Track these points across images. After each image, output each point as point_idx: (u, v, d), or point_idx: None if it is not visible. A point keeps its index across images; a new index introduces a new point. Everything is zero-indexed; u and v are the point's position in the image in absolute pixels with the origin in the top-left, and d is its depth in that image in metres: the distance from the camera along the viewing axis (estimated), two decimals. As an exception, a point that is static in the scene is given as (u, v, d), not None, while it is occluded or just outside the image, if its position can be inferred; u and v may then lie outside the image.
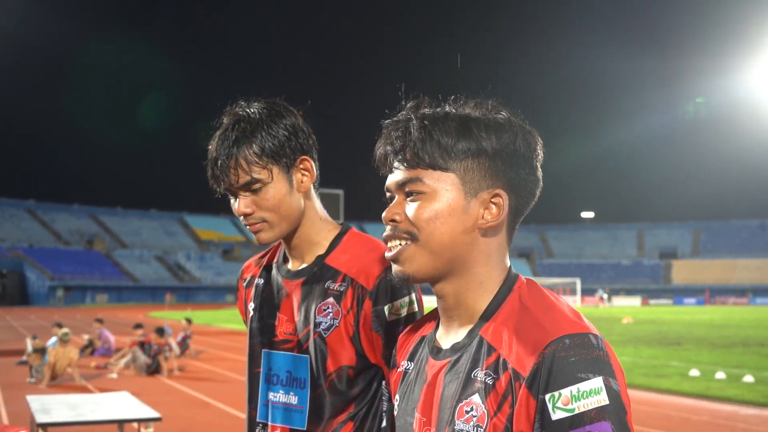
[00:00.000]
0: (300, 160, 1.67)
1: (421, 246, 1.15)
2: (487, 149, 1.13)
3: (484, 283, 1.16)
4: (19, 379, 12.61)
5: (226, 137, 1.63)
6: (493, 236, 1.16)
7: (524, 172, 1.16)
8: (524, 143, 1.16)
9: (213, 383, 12.56)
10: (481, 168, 1.14)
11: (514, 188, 1.16)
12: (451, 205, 1.13)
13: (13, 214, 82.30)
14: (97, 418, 5.28)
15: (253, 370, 1.77)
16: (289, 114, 1.68)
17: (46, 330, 21.02)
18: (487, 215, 1.14)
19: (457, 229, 1.14)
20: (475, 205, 1.14)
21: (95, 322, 17.85)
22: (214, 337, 23.65)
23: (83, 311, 48.61)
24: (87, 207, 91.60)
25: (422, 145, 1.14)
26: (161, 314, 40.93)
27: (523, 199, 1.18)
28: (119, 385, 11.78)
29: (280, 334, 1.73)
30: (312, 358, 1.66)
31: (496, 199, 1.14)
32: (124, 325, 28.94)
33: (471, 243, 1.15)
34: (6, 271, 68.94)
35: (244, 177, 1.61)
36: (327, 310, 1.66)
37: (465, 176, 1.14)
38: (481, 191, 1.14)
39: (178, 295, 73.41)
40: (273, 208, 1.64)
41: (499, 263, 1.18)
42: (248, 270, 1.92)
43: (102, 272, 75.03)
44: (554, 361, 1.01)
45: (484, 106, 1.18)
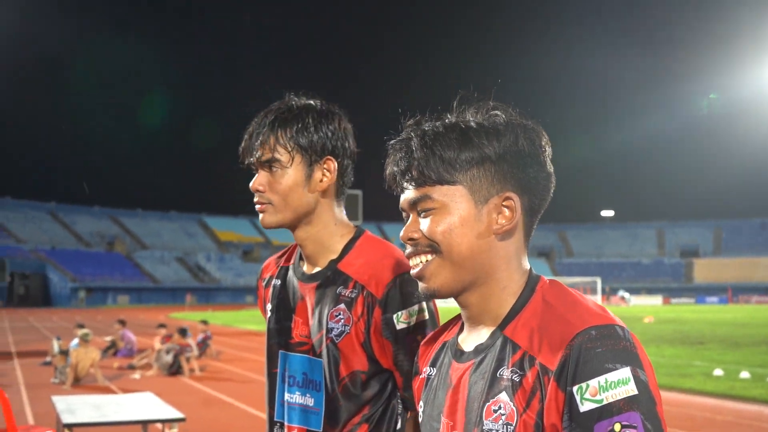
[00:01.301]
0: (325, 159, 1.69)
1: (444, 258, 1.16)
2: (491, 155, 1.15)
3: (506, 288, 1.17)
4: (44, 380, 12.75)
5: (267, 116, 1.71)
6: (511, 239, 1.17)
7: (533, 171, 1.16)
8: (527, 142, 1.16)
9: (234, 383, 12.63)
10: (487, 175, 1.15)
11: (525, 188, 1.16)
12: (462, 216, 1.15)
13: (35, 216, 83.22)
14: (121, 418, 5.33)
15: (271, 371, 1.80)
16: (334, 117, 1.72)
17: (69, 331, 21.22)
18: (501, 219, 1.15)
19: (472, 237, 1.15)
20: (487, 211, 1.15)
21: (117, 323, 18.01)
22: (234, 337, 23.78)
23: (105, 312, 49.06)
24: (107, 209, 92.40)
25: (426, 163, 1.16)
26: (182, 315, 41.21)
27: (536, 197, 1.18)
28: (142, 386, 11.87)
29: (296, 336, 1.75)
30: (325, 363, 1.68)
31: (508, 202, 1.15)
32: (146, 326, 29.16)
33: (489, 249, 1.15)
34: (29, 273, 69.75)
35: (267, 154, 1.67)
36: (338, 317, 1.67)
37: (472, 186, 1.15)
38: (491, 197, 1.15)
39: (198, 296, 73.86)
40: (282, 193, 1.67)
41: (519, 266, 1.18)
42: (267, 270, 1.95)
43: (123, 273, 75.68)
44: (581, 353, 1.01)
45: (483, 110, 1.19)
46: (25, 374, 13.72)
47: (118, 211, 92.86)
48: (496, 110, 1.18)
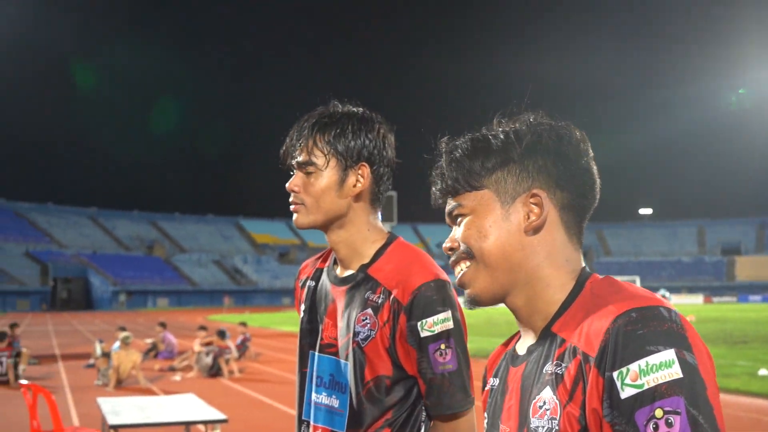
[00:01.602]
0: (360, 165, 1.73)
1: (479, 262, 1.16)
2: (513, 156, 1.16)
3: (551, 285, 1.15)
4: (87, 382, 12.99)
5: (308, 119, 1.76)
6: (547, 235, 1.15)
7: (562, 166, 1.15)
8: (553, 138, 1.16)
9: (272, 385, 12.73)
10: (512, 175, 1.16)
11: (556, 184, 1.16)
12: (489, 218, 1.16)
13: (76, 222, 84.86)
14: (165, 419, 5.40)
15: (301, 370, 1.85)
16: (374, 125, 1.76)
17: (110, 334, 21.60)
18: (531, 216, 1.14)
19: (502, 237, 1.15)
20: (515, 210, 1.15)
21: (158, 326, 18.25)
22: (272, 339, 23.95)
23: (145, 315, 49.81)
24: (146, 213, 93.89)
25: (453, 174, 1.19)
26: (220, 317, 41.63)
27: (572, 192, 1.16)
28: (182, 388, 12.03)
29: (325, 338, 1.78)
30: (351, 366, 1.70)
31: (535, 199, 1.14)
32: (185, 329, 29.52)
33: (523, 248, 1.14)
34: (71, 277, 71.13)
35: (305, 156, 1.72)
36: (365, 321, 1.69)
37: (498, 188, 1.17)
38: (518, 196, 1.16)
39: (236, 299, 74.60)
40: (315, 195, 1.72)
41: (564, 262, 1.15)
42: (304, 271, 1.98)
43: (162, 276, 76.76)
44: (619, 336, 0.96)
45: (511, 118, 1.21)
46: (69, 376, 13.99)
47: (157, 215, 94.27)
48: (523, 113, 1.20)
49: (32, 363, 15.11)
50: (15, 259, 69.74)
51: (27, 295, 64.85)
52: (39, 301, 65.32)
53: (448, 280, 1.68)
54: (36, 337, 25.81)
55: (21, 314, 51.95)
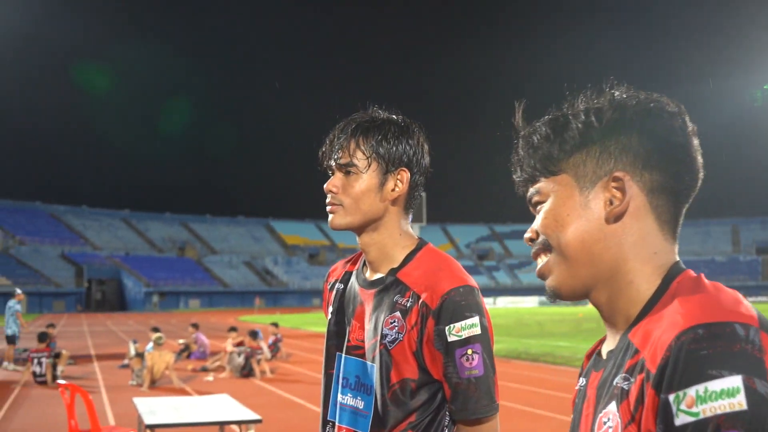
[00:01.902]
0: (399, 170, 1.75)
1: (556, 254, 1.06)
2: (592, 136, 1.05)
3: (634, 282, 1.02)
4: (122, 382, 13.15)
5: (350, 122, 1.79)
6: (632, 224, 1.02)
7: (650, 144, 1.02)
8: (639, 115, 1.03)
9: (304, 385, 12.77)
10: (591, 157, 1.04)
11: (642, 165, 1.02)
12: (567, 205, 1.05)
13: (110, 224, 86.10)
14: (200, 419, 5.45)
15: (327, 371, 1.86)
16: (414, 133, 1.80)
17: (144, 334, 21.86)
18: (614, 201, 1.02)
19: (580, 227, 1.03)
20: (596, 196, 1.03)
21: (191, 326, 18.43)
22: (303, 339, 24.05)
23: (177, 316, 50.35)
24: (178, 215, 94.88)
25: (530, 160, 1.10)
26: (251, 318, 41.90)
27: (663, 173, 1.02)
28: (215, 388, 12.12)
29: (352, 340, 1.81)
30: (377, 368, 1.72)
31: (617, 183, 1.02)
32: (217, 329, 29.76)
33: (604, 237, 1.02)
34: (105, 278, 72.17)
35: (346, 158, 1.75)
36: (393, 324, 1.70)
37: (577, 171, 1.05)
38: (599, 180, 1.04)
39: (267, 299, 75.05)
40: (354, 197, 1.74)
41: (651, 255, 1.02)
42: (333, 274, 2.02)
43: (194, 278, 77.52)
44: (682, 355, 0.85)
45: (594, 95, 1.10)
46: (104, 376, 14.18)
47: (188, 217, 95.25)
48: (611, 92, 1.08)
49: (69, 363, 15.33)
50: (51, 261, 70.99)
51: (63, 296, 65.97)
52: (74, 302, 66.41)
53: (477, 287, 1.71)
54: (72, 337, 26.23)
55: (57, 315, 52.83)
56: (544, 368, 14.84)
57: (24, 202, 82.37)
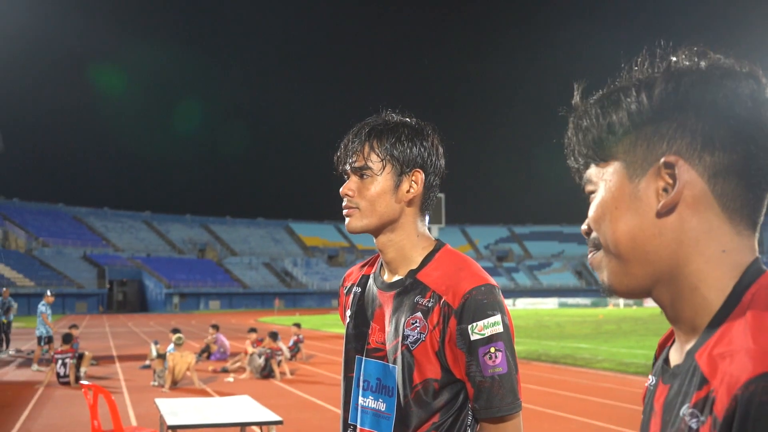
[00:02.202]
0: (414, 171, 1.78)
1: (605, 252, 0.94)
2: (643, 116, 0.90)
3: (699, 288, 0.87)
4: (144, 383, 13.24)
5: (364, 126, 1.82)
6: (693, 216, 0.87)
7: (711, 119, 0.86)
8: (696, 83, 0.88)
9: (325, 387, 12.79)
10: (643, 140, 0.90)
11: (701, 146, 0.87)
12: (616, 196, 0.92)
13: (131, 226, 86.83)
14: (221, 420, 5.47)
15: (347, 374, 1.87)
16: (428, 135, 1.82)
17: (165, 335, 22.01)
18: (669, 189, 0.88)
19: (630, 221, 0.90)
20: (647, 185, 0.89)
21: (211, 327, 18.52)
22: (323, 341, 24.09)
23: (198, 317, 50.63)
24: (198, 217, 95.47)
25: (580, 146, 0.97)
26: (270, 319, 42.08)
27: (729, 153, 0.86)
28: (236, 389, 12.17)
29: (372, 342, 1.82)
30: (399, 369, 1.72)
31: (668, 169, 0.87)
32: (237, 331, 29.89)
33: (660, 233, 0.88)
34: (127, 279, 72.77)
35: (360, 161, 1.78)
36: (414, 324, 1.71)
37: (627, 158, 0.91)
38: (650, 166, 0.89)
39: (286, 301, 75.30)
40: (370, 199, 1.76)
41: (719, 255, 0.87)
42: (349, 278, 2.03)
43: (214, 279, 77.96)
44: (751, 408, 0.72)
45: (656, 63, 0.94)
46: (126, 377, 14.30)
47: (209, 219, 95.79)
48: (669, 58, 0.93)
49: (92, 364, 15.47)
50: (74, 263, 71.71)
51: (85, 297, 66.58)
52: (96, 303, 67.00)
53: (497, 285, 1.73)
54: (94, 338, 26.47)
55: (79, 316, 53.34)
56: (563, 370, 14.75)
57: (47, 204, 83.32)
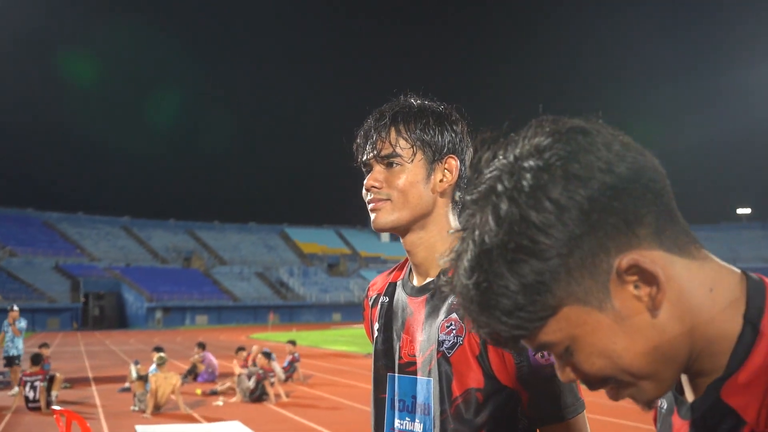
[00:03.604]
0: (447, 158, 1.75)
1: (630, 383, 0.95)
2: (558, 251, 0.86)
3: (715, 337, 0.90)
4: (123, 407, 13.30)
5: (388, 109, 1.78)
6: (673, 289, 0.89)
7: (619, 202, 0.87)
8: (573, 182, 0.86)
9: (323, 411, 12.84)
10: (577, 270, 0.88)
11: (625, 228, 0.88)
12: (602, 335, 0.90)
13: (108, 232, 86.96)
14: (207, 449, 5.51)
15: (378, 396, 1.83)
16: (457, 120, 1.80)
17: (146, 354, 22.05)
18: (648, 292, 0.88)
19: (637, 345, 0.90)
20: (620, 300, 0.89)
21: (196, 347, 18.57)
22: (322, 359, 24.12)
23: (183, 334, 50.65)
24: (183, 222, 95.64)
25: (500, 326, 0.92)
26: (264, 336, 42.06)
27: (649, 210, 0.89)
28: (226, 414, 12.22)
29: (404, 356, 1.77)
30: (435, 381, 1.67)
31: (632, 275, 0.88)
32: (227, 348, 29.92)
33: (662, 331, 0.90)
34: (104, 292, 72.75)
35: (388, 148, 1.74)
36: (450, 327, 1.66)
37: (577, 295, 0.90)
38: (607, 284, 0.89)
39: (282, 315, 75.35)
40: (401, 189, 1.73)
41: (710, 297, 0.90)
42: (374, 288, 1.99)
43: (201, 291, 77.98)
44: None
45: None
46: (103, 401, 14.35)
47: (195, 225, 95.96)
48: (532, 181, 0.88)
49: (65, 387, 15.53)
50: (44, 274, 71.83)
51: (57, 312, 66.63)
52: (69, 319, 67.04)
53: None
54: (67, 358, 26.53)
55: (51, 333, 53.45)
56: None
57: (14, 209, 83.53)
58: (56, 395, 13.71)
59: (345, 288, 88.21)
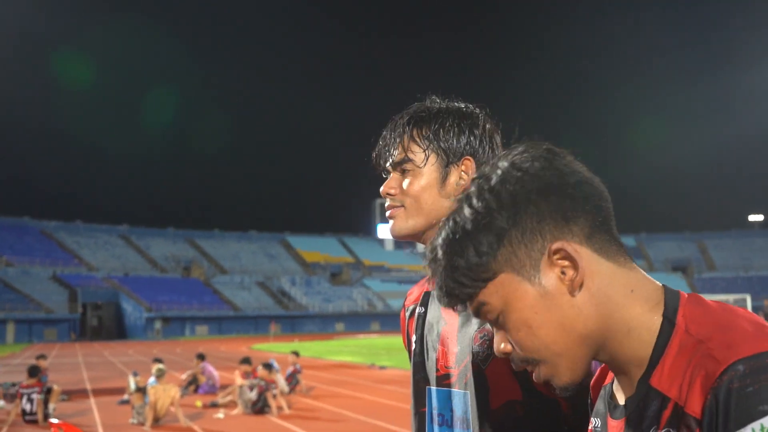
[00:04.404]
0: (464, 160, 1.75)
1: (548, 363, 1.12)
2: (502, 225, 1.10)
3: (632, 330, 1.08)
4: (122, 420, 13.30)
5: (404, 115, 1.80)
6: (594, 281, 1.09)
7: (557, 198, 1.10)
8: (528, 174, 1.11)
9: (326, 423, 12.84)
10: (517, 245, 1.11)
11: (564, 222, 1.10)
12: (526, 304, 1.11)
13: (107, 241, 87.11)
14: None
15: (418, 410, 1.81)
16: (477, 119, 1.78)
17: (145, 365, 22.07)
18: (568, 273, 1.08)
19: (554, 317, 1.09)
20: (546, 277, 1.10)
21: (196, 358, 18.56)
22: (325, 370, 24.11)
23: (183, 344, 50.68)
24: (183, 231, 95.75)
25: (450, 283, 1.14)
26: (266, 346, 42.06)
27: (586, 216, 1.11)
28: (227, 426, 12.23)
29: (441, 369, 1.74)
30: (473, 394, 1.64)
31: (559, 254, 1.09)
32: (227, 359, 29.93)
33: (580, 311, 1.08)
34: (102, 302, 72.82)
35: (401, 154, 1.76)
36: (484, 338, 1.64)
37: (513, 265, 1.12)
38: (539, 261, 1.10)
39: (284, 325, 75.38)
40: (414, 195, 1.74)
41: (630, 296, 1.10)
42: (410, 298, 1.98)
43: (201, 301, 78.05)
44: (728, 396, 0.92)
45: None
46: (102, 414, 14.34)
47: (195, 233, 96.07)
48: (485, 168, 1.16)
49: (62, 399, 15.54)
50: (42, 284, 71.97)
51: (55, 323, 66.77)
52: (67, 330, 67.17)
53: None
54: (65, 370, 26.57)
55: (48, 345, 53.57)
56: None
57: (11, 218, 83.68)
58: (54, 408, 13.72)
59: (348, 297, 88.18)
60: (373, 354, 31.60)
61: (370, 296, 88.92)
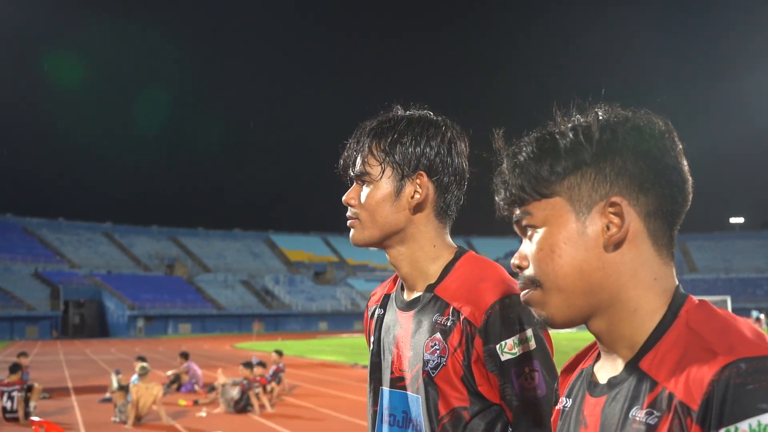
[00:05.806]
0: (418, 174, 1.75)
1: (546, 288, 1.15)
2: (585, 158, 1.14)
3: (638, 310, 1.12)
4: (104, 418, 13.25)
5: (366, 127, 1.81)
6: (630, 250, 1.12)
7: (644, 165, 1.13)
8: (632, 133, 1.14)
9: (308, 421, 12.84)
10: (586, 181, 1.14)
11: (637, 188, 1.13)
12: (563, 232, 1.14)
13: (89, 239, 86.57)
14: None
15: (372, 408, 1.87)
16: (438, 130, 1.78)
17: (128, 364, 21.98)
18: (612, 228, 1.12)
19: (578, 256, 1.13)
20: (592, 222, 1.13)
21: (180, 356, 18.49)
22: (308, 369, 24.09)
23: (165, 343, 50.48)
24: (166, 228, 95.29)
25: (518, 181, 1.18)
26: (249, 345, 41.99)
27: (658, 196, 1.13)
28: (209, 425, 12.19)
29: (395, 371, 1.78)
30: (423, 399, 1.69)
31: (614, 208, 1.12)
32: (211, 358, 29.85)
33: (603, 266, 1.12)
34: (84, 300, 72.37)
35: (360, 167, 1.78)
36: (434, 347, 1.68)
37: (572, 195, 1.15)
38: (595, 204, 1.14)
39: (267, 323, 75.12)
40: (369, 208, 1.76)
41: (652, 282, 1.13)
42: (372, 299, 2.01)
43: (184, 299, 77.71)
44: (728, 390, 0.96)
45: (579, 114, 1.20)
46: (83, 412, 14.28)
47: (178, 231, 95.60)
48: (595, 110, 1.18)
49: (43, 397, 15.44)
50: (23, 281, 71.40)
51: (36, 320, 66.27)
52: (49, 327, 66.68)
53: None
54: (46, 367, 26.39)
55: (30, 342, 53.18)
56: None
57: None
58: (35, 406, 13.63)
59: (332, 296, 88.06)
60: (356, 353, 31.57)
61: (354, 295, 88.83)
